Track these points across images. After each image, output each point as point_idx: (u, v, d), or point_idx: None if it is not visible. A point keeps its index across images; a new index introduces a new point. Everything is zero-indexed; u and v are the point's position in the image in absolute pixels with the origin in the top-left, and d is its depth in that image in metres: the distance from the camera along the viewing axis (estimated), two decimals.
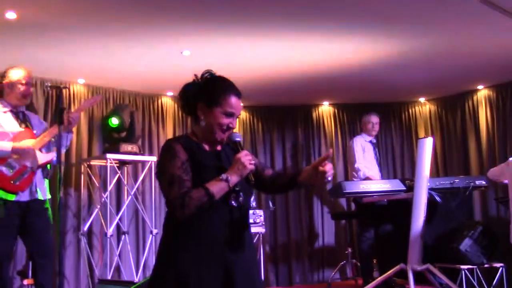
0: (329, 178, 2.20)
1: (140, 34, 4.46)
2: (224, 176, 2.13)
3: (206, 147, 2.27)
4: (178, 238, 2.18)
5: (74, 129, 3.85)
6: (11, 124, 3.68)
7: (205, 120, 2.23)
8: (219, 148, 2.31)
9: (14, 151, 3.56)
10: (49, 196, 3.82)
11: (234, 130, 2.27)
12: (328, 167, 2.19)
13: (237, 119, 2.31)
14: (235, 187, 2.18)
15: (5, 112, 3.69)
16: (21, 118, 3.76)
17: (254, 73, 5.53)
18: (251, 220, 5.94)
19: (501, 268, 5.27)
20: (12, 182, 3.53)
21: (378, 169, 5.86)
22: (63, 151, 3.77)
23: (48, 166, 3.76)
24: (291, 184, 2.35)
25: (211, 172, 2.17)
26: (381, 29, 4.57)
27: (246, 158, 2.18)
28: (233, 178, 2.15)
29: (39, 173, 3.69)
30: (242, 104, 2.30)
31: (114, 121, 5.47)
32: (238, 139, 2.27)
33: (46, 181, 3.79)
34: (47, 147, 3.74)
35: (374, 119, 5.88)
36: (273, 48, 4.93)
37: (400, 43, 4.91)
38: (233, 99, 2.23)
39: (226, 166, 2.21)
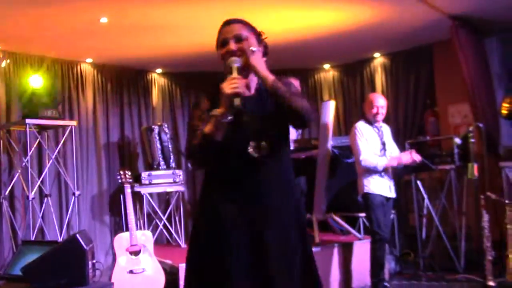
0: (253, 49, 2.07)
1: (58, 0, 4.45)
2: (214, 110, 1.99)
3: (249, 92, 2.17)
4: (205, 187, 2.17)
5: None
6: None
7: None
8: (252, 92, 2.19)
9: None
10: None
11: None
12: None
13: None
14: (250, 126, 2.06)
15: None
16: None
17: (174, 38, 5.57)
18: (170, 180, 6.24)
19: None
20: None
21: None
22: None
23: None
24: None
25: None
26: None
27: (227, 83, 1.97)
28: (219, 110, 1.97)
29: None
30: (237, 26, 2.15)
31: (33, 86, 5.50)
32: (235, 64, 2.04)
33: None
34: None
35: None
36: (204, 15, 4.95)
37: (308, 16, 5.29)
38: (223, 29, 2.16)
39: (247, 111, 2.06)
